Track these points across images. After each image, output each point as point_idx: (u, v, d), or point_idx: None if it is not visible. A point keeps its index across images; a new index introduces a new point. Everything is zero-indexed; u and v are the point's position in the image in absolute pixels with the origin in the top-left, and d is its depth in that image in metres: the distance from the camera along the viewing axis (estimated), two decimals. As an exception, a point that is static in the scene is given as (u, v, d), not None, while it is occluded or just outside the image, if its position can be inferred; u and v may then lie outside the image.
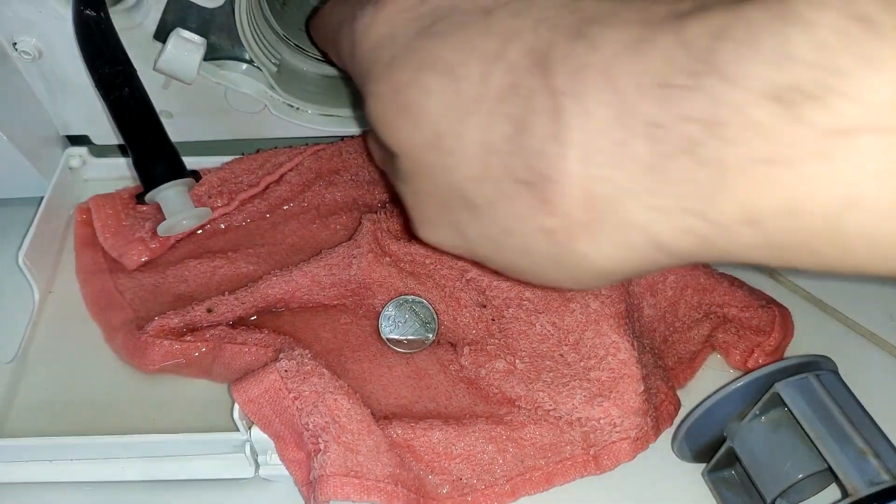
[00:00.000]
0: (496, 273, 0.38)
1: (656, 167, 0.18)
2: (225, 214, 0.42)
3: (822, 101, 0.15)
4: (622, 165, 0.18)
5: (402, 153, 0.23)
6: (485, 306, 0.38)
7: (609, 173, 0.18)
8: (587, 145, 0.18)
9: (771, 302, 0.38)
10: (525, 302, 0.37)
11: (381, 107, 0.23)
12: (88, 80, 0.39)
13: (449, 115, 0.21)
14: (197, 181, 0.38)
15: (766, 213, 0.17)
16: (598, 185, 0.19)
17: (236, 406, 0.33)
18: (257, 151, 0.44)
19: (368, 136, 0.27)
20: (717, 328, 0.38)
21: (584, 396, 0.33)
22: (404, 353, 0.38)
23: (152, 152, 0.34)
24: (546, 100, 0.19)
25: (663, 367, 0.36)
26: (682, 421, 0.33)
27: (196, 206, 0.38)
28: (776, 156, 0.16)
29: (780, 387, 0.30)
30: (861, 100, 0.15)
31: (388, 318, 0.38)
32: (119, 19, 0.36)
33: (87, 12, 0.34)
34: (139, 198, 0.35)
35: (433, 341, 0.38)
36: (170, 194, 0.35)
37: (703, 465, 0.35)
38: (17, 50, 0.38)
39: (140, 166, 0.34)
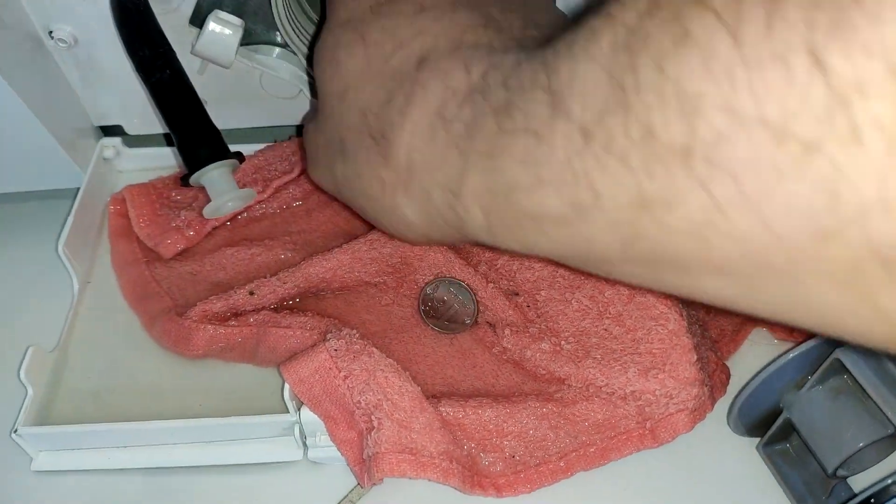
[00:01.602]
0: (525, 257, 0.38)
1: (442, 152, 0.23)
2: (260, 202, 0.42)
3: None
4: (430, 144, 0.24)
5: (322, 95, 0.29)
6: (517, 293, 0.37)
7: (422, 146, 0.24)
8: (417, 122, 0.24)
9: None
10: (559, 279, 0.36)
11: (322, 53, 0.29)
12: (123, 68, 0.39)
13: (357, 76, 0.27)
14: (241, 162, 0.38)
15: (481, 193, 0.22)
16: (416, 154, 0.24)
17: (286, 387, 0.32)
18: (290, 138, 0.44)
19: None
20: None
21: (638, 370, 0.32)
22: (445, 333, 0.37)
23: (196, 134, 0.34)
24: (409, 85, 0.25)
25: (709, 338, 0.36)
26: (738, 394, 0.33)
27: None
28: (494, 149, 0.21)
29: (841, 353, 0.29)
30: None
31: (428, 298, 0.38)
32: (155, 3, 0.36)
33: (126, -4, 0.34)
34: (184, 180, 0.35)
35: (472, 322, 0.38)
36: (215, 175, 0.34)
37: (756, 440, 0.34)
38: (52, 38, 0.38)
39: (184, 148, 0.34)
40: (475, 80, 0.23)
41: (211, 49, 0.36)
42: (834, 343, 0.30)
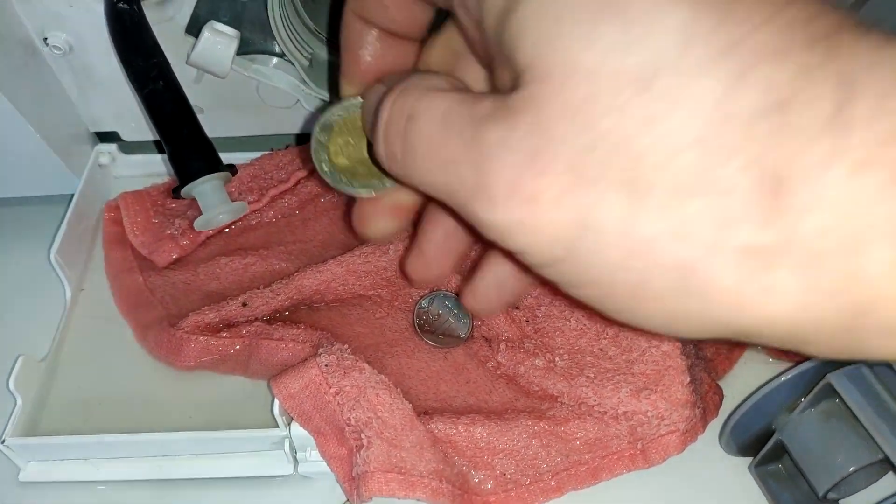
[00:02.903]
0: (527, 270, 0.37)
1: None
2: (256, 211, 0.42)
3: None
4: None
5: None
6: (517, 308, 0.37)
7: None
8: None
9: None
10: (559, 296, 0.36)
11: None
12: (118, 74, 0.38)
13: None
14: (233, 175, 0.38)
15: None
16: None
17: (276, 402, 0.32)
18: (286, 147, 0.44)
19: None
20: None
21: (630, 390, 0.32)
22: (440, 347, 0.37)
23: (188, 146, 0.34)
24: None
25: (704, 358, 0.36)
26: (731, 414, 0.33)
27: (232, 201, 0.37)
28: None
29: (832, 377, 0.29)
30: None
31: (423, 312, 0.38)
32: (151, 13, 0.36)
33: (121, 5, 0.34)
34: (175, 192, 0.35)
35: (468, 336, 0.37)
36: (207, 188, 0.34)
37: (749, 459, 0.34)
38: (47, 45, 0.37)
39: (176, 160, 0.34)
40: None
41: (206, 59, 0.36)
42: (827, 366, 0.30)
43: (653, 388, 0.32)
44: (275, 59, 0.40)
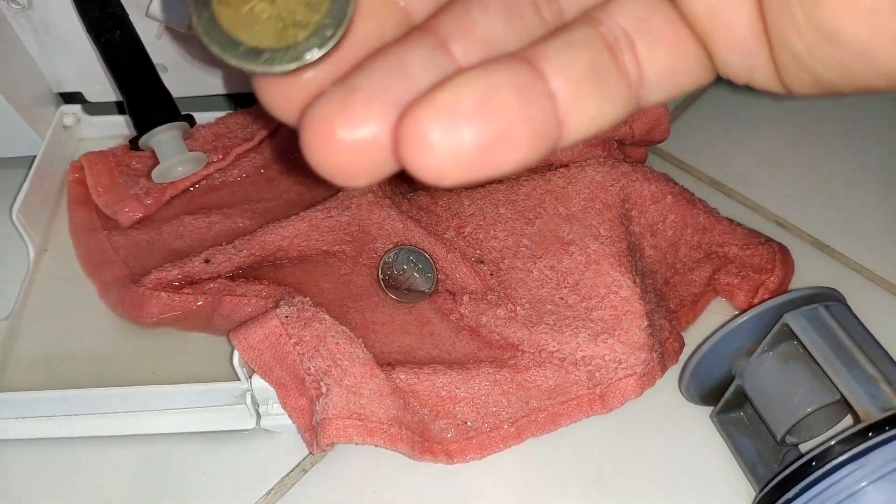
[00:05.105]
0: (493, 224, 0.37)
1: None
2: (220, 169, 0.42)
3: None
4: None
5: None
6: (482, 262, 0.37)
7: None
8: None
9: (770, 240, 0.38)
10: (522, 249, 0.36)
11: None
12: (79, 30, 0.38)
13: None
14: (192, 126, 0.38)
15: None
16: None
17: (236, 353, 0.32)
18: (252, 106, 0.44)
19: None
20: (718, 270, 0.37)
21: (588, 335, 0.32)
22: (404, 302, 0.37)
23: (145, 95, 0.34)
24: None
25: (666, 308, 0.36)
26: (689, 358, 0.33)
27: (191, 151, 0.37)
28: None
29: (789, 318, 0.29)
30: None
31: (387, 267, 0.38)
32: (108, -34, 0.35)
33: (76, -44, 0.33)
34: (133, 143, 0.35)
35: (432, 290, 0.37)
36: (164, 138, 0.34)
37: (711, 409, 0.34)
38: (5, 0, 0.37)
39: (133, 110, 0.34)
40: None
41: (165, 11, 0.36)
42: (783, 308, 0.30)
43: (610, 333, 0.32)
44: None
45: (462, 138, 0.13)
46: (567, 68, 0.15)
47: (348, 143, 0.13)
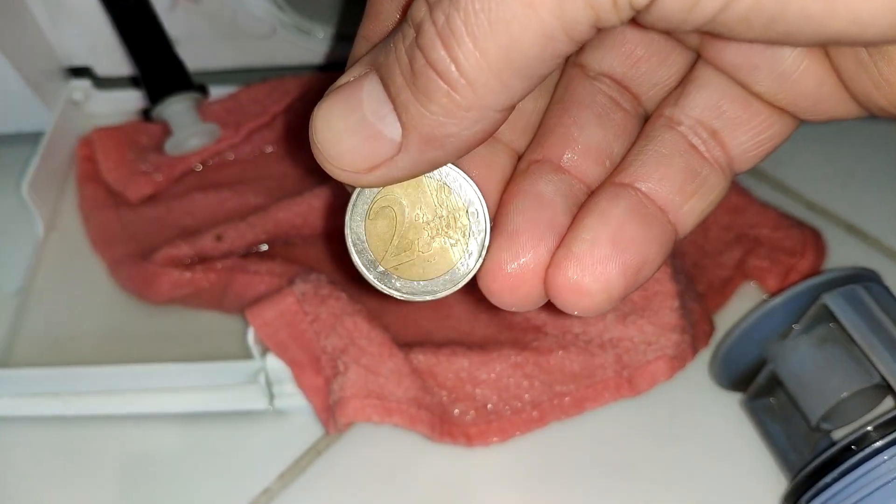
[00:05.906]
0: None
1: None
2: (232, 146, 0.41)
3: None
4: None
5: None
6: None
7: None
8: None
9: (801, 223, 0.37)
10: None
11: None
12: (91, 3, 0.37)
13: None
14: (205, 96, 0.37)
15: None
16: None
17: (250, 330, 0.31)
18: (263, 80, 0.42)
19: None
20: (749, 253, 0.36)
21: (616, 316, 0.31)
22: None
23: (159, 65, 0.33)
24: None
25: (695, 291, 0.34)
26: (721, 342, 0.32)
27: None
28: None
29: (828, 298, 0.28)
30: None
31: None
32: (120, -68, 0.34)
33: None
34: (146, 113, 0.34)
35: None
36: (177, 108, 0.33)
37: (740, 395, 0.33)
38: (14, -32, 0.36)
39: (146, 79, 0.33)
40: None
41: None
42: (820, 289, 0.29)
43: (640, 313, 0.31)
44: (251, -15, 0.39)
45: (609, 275, 0.16)
46: (666, 181, 0.17)
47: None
